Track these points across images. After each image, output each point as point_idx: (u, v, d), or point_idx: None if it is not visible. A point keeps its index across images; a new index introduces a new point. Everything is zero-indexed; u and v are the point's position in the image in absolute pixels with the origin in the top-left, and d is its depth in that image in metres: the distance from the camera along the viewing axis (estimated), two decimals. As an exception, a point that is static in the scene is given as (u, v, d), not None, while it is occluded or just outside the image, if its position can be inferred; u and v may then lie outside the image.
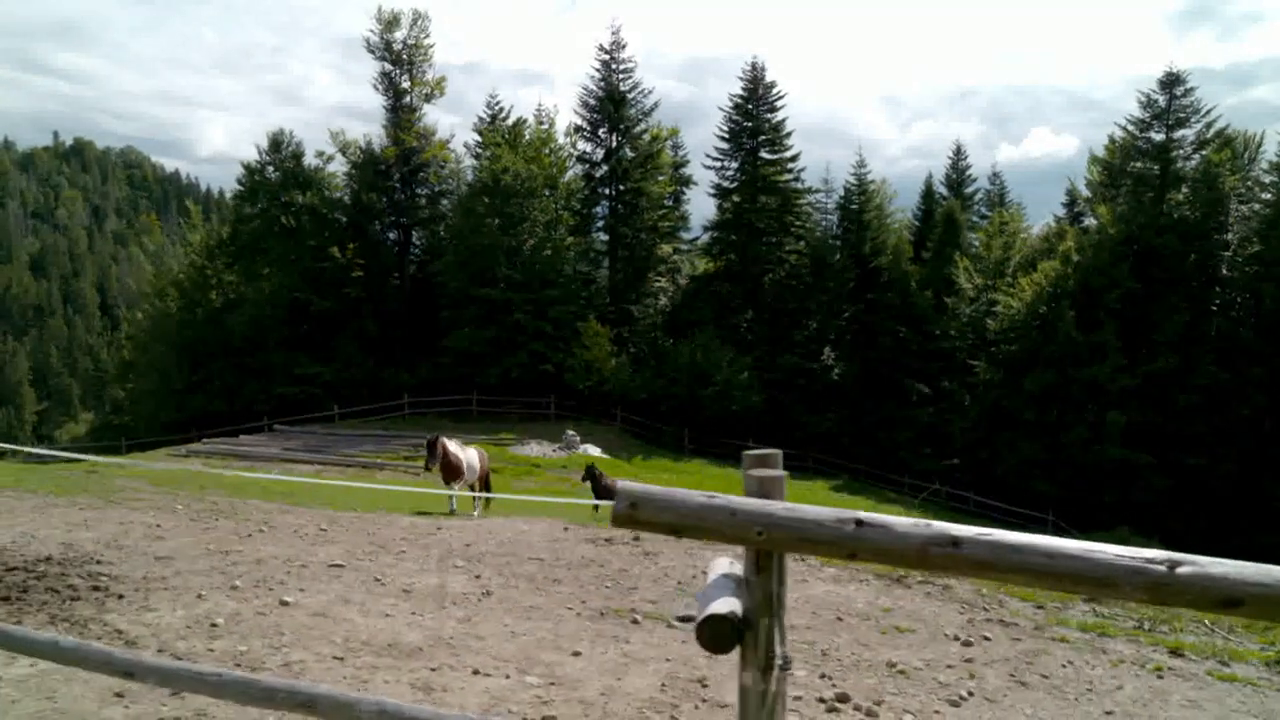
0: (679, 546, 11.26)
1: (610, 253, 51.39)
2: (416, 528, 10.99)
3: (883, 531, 2.12)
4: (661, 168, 50.88)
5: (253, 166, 48.66)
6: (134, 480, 15.25)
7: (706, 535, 2.25)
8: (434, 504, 15.40)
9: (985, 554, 2.06)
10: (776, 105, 51.08)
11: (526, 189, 45.56)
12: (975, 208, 58.01)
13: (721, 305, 49.73)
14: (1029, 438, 39.34)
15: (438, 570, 8.56)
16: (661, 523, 2.21)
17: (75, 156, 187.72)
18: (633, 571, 9.54)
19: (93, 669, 3.30)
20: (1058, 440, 38.60)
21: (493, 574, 8.61)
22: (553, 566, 9.32)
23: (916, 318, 48.17)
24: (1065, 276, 40.03)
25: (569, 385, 45.19)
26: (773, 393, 46.05)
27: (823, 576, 10.60)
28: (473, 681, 5.31)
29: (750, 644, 2.28)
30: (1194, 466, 36.58)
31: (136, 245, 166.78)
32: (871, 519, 2.14)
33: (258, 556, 8.31)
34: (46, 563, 7.11)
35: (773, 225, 50.77)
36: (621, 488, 2.23)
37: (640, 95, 50.46)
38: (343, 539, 9.77)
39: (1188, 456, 36.56)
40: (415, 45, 51.36)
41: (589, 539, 11.08)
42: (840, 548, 2.13)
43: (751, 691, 2.29)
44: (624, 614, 7.58)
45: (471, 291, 44.80)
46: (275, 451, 34.73)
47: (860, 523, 2.13)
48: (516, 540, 10.64)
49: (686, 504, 2.20)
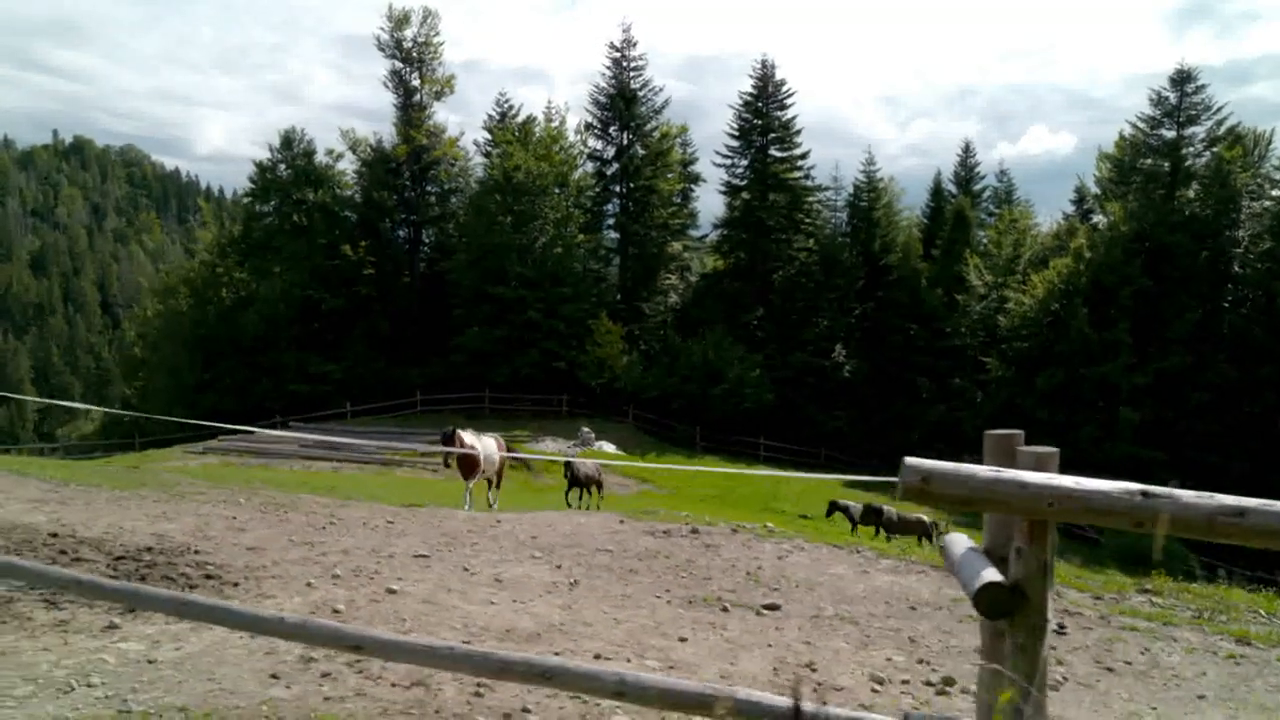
0: (735, 540, 11.39)
1: (621, 250, 51.53)
2: (476, 521, 11.11)
3: (1169, 502, 2.25)
4: (671, 165, 51.00)
5: (265, 164, 48.71)
6: (180, 476, 15.35)
7: (996, 507, 2.38)
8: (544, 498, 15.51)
9: (1272, 522, 2.19)
10: (786, 103, 51.28)
11: (538, 187, 45.67)
12: (983, 205, 58.18)
13: (732, 303, 49.86)
14: (1041, 435, 39.02)
15: (517, 560, 8.68)
16: (953, 496, 2.33)
17: (75, 155, 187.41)
18: (699, 562, 9.67)
19: (320, 643, 3.42)
20: (1070, 438, 38.70)
21: (571, 564, 8.73)
22: (623, 557, 9.45)
23: (927, 315, 48.33)
24: (1077, 274, 40.18)
25: (580, 383, 45.33)
26: (783, 390, 46.19)
27: (881, 568, 10.74)
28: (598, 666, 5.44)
29: (1023, 609, 2.40)
30: (1207, 464, 36.73)
31: (137, 244, 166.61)
32: (1157, 491, 2.27)
33: (342, 548, 8.43)
34: (149, 553, 7.22)
35: (783, 222, 50.93)
36: (911, 463, 2.35)
37: (651, 93, 50.66)
38: (413, 531, 9.89)
39: (1200, 454, 36.71)
40: (425, 43, 51.44)
41: (647, 531, 11.21)
42: (1128, 517, 2.25)
43: (1024, 654, 2.41)
44: (712, 602, 7.71)
45: (484, 289, 44.90)
46: (292, 449, 34.81)
47: (1146, 494, 2.26)
48: (578, 532, 10.76)
49: (975, 478, 2.32)
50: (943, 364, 47.41)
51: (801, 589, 8.86)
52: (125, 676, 4.50)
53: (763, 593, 8.44)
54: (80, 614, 5.60)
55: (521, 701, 4.71)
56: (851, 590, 9.06)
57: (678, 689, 2.87)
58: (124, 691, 4.29)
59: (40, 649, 4.86)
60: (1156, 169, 43.17)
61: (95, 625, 5.40)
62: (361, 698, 4.53)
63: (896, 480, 2.42)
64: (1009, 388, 41.96)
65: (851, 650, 6.66)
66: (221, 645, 5.19)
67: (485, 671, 3.09)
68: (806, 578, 9.46)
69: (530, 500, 19.57)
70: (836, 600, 8.43)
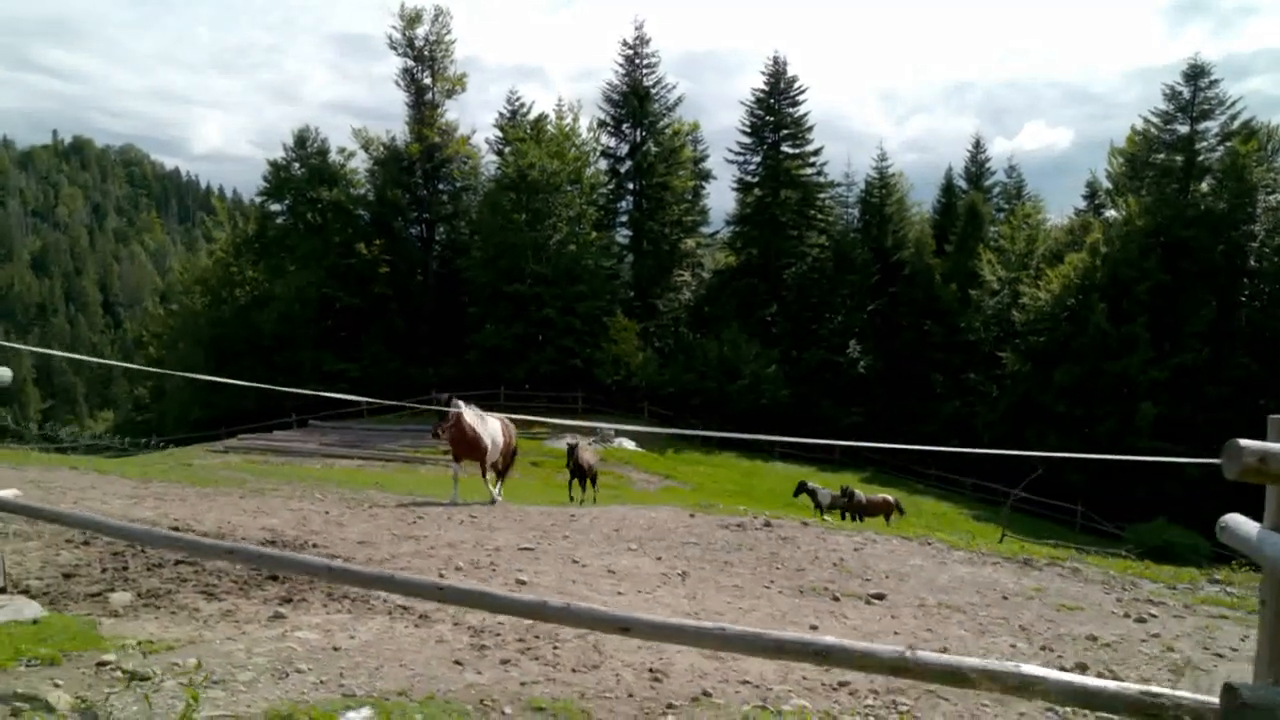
0: (808, 532, 11.51)
1: (634, 247, 51.65)
2: (553, 515, 11.22)
3: None
4: (684, 163, 51.10)
5: (279, 163, 48.73)
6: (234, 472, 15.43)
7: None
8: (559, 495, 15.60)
9: None
10: (799, 99, 51.43)
11: (552, 184, 45.75)
12: (992, 200, 58.30)
13: (745, 299, 49.98)
14: (1059, 430, 39.59)
15: (616, 553, 8.79)
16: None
17: (75, 154, 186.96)
18: (784, 555, 9.78)
19: (589, 626, 3.53)
20: (1088, 432, 38.90)
21: (669, 556, 8.85)
22: (711, 550, 9.56)
23: (940, 311, 48.46)
24: (1094, 269, 40.34)
25: (596, 380, 45.46)
26: (798, 386, 46.37)
27: (956, 559, 10.87)
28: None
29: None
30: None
31: (138, 243, 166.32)
32: None
33: (446, 541, 8.53)
34: (273, 545, 7.32)
35: (795, 219, 51.10)
36: (1246, 445, 2.46)
37: (663, 90, 50.71)
38: (499, 525, 9.99)
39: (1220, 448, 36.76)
40: (437, 41, 51.46)
41: (720, 525, 11.31)
42: None
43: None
44: (820, 592, 7.83)
45: (499, 287, 45.00)
46: (313, 447, 34.90)
47: None
48: (655, 525, 10.87)
49: (1311, 456, 2.44)
50: (957, 359, 47.56)
51: (892, 579, 8.97)
52: (324, 663, 4.60)
53: (858, 583, 8.56)
54: (241, 604, 5.70)
55: (699, 686, 4.81)
56: (939, 580, 9.17)
57: (991, 669, 2.94)
58: (333, 676, 4.39)
59: (225, 638, 4.95)
60: (1170, 164, 43.31)
61: (261, 615, 5.50)
62: (552, 683, 4.64)
63: (1219, 461, 2.54)
64: (1025, 382, 42.10)
65: (973, 638, 6.77)
66: (390, 634, 5.29)
67: (761, 651, 3.19)
68: (891, 569, 9.57)
69: (538, 493, 19.53)
70: (932, 590, 8.54)
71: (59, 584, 5.95)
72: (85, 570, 6.31)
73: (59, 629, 4.59)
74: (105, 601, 5.56)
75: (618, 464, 35.27)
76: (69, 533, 7.46)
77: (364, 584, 3.79)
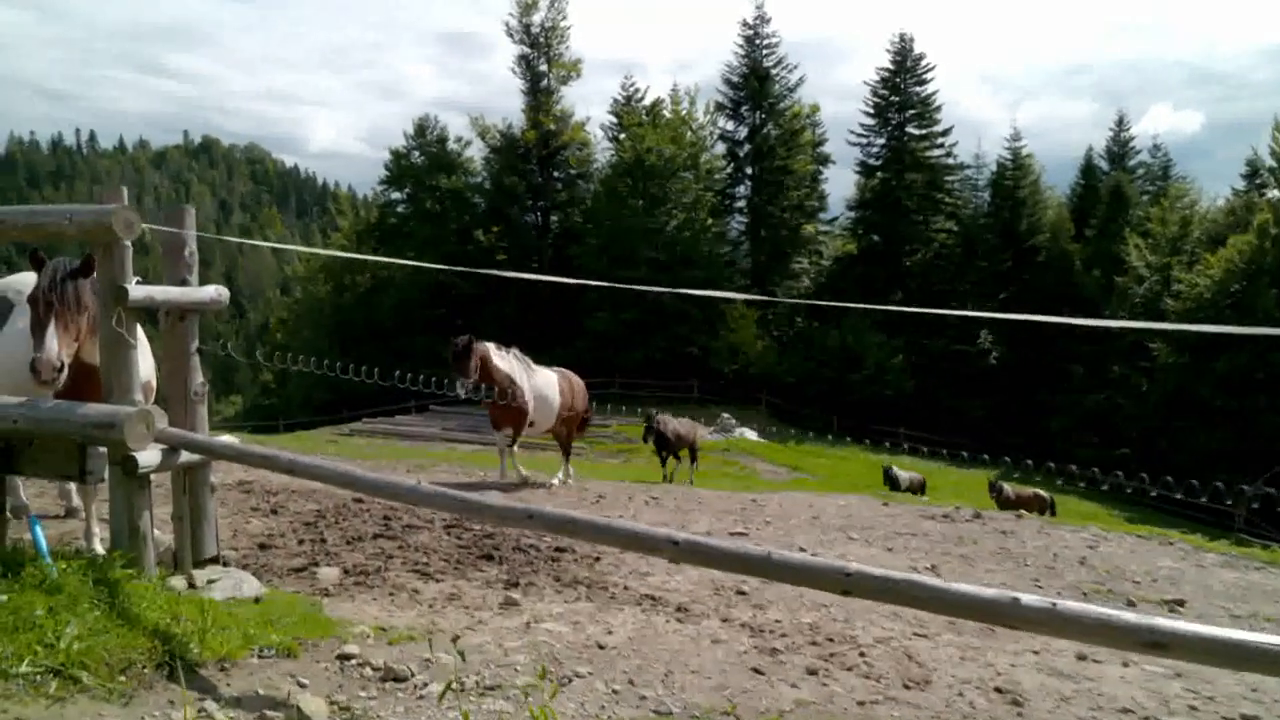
0: (1025, 526, 10.17)
1: (751, 233, 50.26)
2: (733, 499, 10.21)
3: None
4: (804, 146, 49.38)
5: (399, 151, 49.33)
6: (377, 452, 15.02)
7: None
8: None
9: None
10: (925, 78, 49.03)
11: (669, 169, 44.84)
12: (1135, 183, 54.41)
13: (866, 287, 47.95)
14: (1215, 425, 36.43)
15: (836, 542, 7.71)
16: None
17: (203, 153, 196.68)
18: (1016, 550, 8.50)
19: (1116, 643, 2.48)
20: (1250, 426, 35.61)
21: (899, 547, 7.72)
22: (935, 540, 8.39)
23: (1080, 299, 45.49)
24: (1262, 252, 36.88)
25: (710, 368, 44.43)
26: (922, 377, 44.38)
27: (1210, 561, 9.38)
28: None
29: None
30: None
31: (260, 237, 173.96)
32: None
33: (646, 521, 7.61)
34: (472, 523, 6.52)
35: (921, 203, 48.79)
36: None
37: (784, 71, 49.09)
38: (690, 508, 9.03)
39: None
40: (552, 28, 51.06)
41: (923, 515, 10.09)
42: None
43: None
44: (1102, 593, 6.58)
45: (614, 273, 44.36)
46: (435, 431, 34.91)
47: None
48: (853, 514, 9.74)
49: None
50: (1096, 350, 44.54)
51: (1162, 583, 7.64)
52: (599, 665, 3.68)
53: (1130, 586, 7.26)
54: (463, 587, 4.86)
55: (1071, 714, 3.69)
56: (1216, 586, 7.78)
57: None
58: (622, 684, 3.47)
59: (463, 628, 4.10)
60: (1345, 138, 39.32)
61: (490, 601, 4.64)
62: (893, 703, 3.60)
63: None
64: (1179, 374, 38.91)
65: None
66: (652, 630, 4.35)
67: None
68: (1147, 570, 8.21)
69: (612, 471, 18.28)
70: (1220, 598, 7.17)
71: (256, 555, 5.25)
72: (280, 542, 5.60)
73: (284, 610, 3.79)
74: (313, 577, 4.80)
75: (741, 454, 34.28)
76: (254, 499, 6.84)
77: (736, 566, 2.77)
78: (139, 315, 4.02)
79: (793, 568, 2.57)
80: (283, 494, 7.21)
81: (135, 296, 3.81)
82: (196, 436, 4.01)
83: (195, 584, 3.94)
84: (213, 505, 4.44)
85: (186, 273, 4.35)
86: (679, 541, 2.73)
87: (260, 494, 7.20)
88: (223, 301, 4.53)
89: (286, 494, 7.22)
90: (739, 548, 2.74)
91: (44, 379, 3.91)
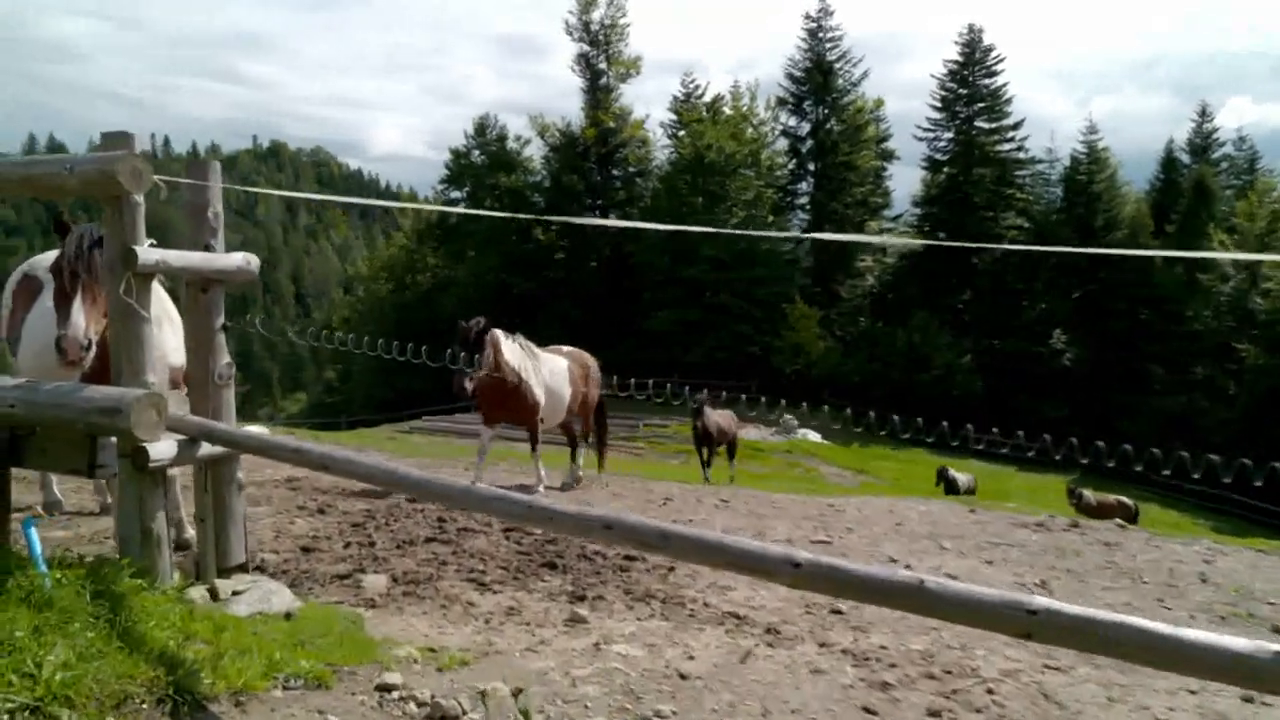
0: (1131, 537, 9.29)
1: (814, 231, 49.15)
2: (809, 503, 9.54)
3: None
4: (868, 141, 48.16)
5: (459, 150, 49.52)
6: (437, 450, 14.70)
7: None
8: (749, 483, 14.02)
9: None
10: (995, 70, 47.41)
11: (729, 166, 44.09)
12: (1219, 177, 51.86)
13: (933, 286, 46.58)
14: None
15: (926, 552, 7.03)
16: None
17: (271, 157, 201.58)
18: (1126, 564, 7.68)
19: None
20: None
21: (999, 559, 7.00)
22: (1034, 553, 7.63)
23: (1160, 298, 43.47)
24: (1362, 247, 34.70)
25: (772, 368, 43.53)
26: (992, 378, 42.83)
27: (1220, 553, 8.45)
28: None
29: None
30: None
31: (325, 239, 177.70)
32: None
33: (721, 526, 7.03)
34: (530, 525, 6.03)
35: (990, 198, 47.17)
36: None
37: (848, 65, 47.93)
38: (765, 513, 8.43)
39: None
40: (612, 25, 50.70)
41: (1015, 524, 9.29)
42: None
43: None
44: (1242, 616, 5.81)
45: (674, 271, 43.79)
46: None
47: None
48: (938, 521, 9.01)
49: None
50: (1179, 350, 42.46)
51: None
52: (683, 700, 3.12)
53: (1268, 609, 6.42)
54: (524, 600, 4.35)
55: None
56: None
57: None
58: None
59: (524, 649, 3.58)
60: None
61: (554, 616, 4.11)
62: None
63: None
64: (1270, 376, 36.81)
65: None
66: (736, 653, 3.77)
67: None
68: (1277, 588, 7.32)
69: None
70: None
71: (298, 560, 4.80)
72: (325, 545, 5.16)
73: (319, 627, 3.31)
74: (358, 586, 4.33)
75: (804, 455, 33.49)
76: (301, 497, 6.43)
77: (876, 597, 2.15)
78: (163, 286, 3.57)
79: (959, 603, 1.97)
80: (331, 492, 6.81)
81: (145, 260, 3.35)
82: (218, 426, 3.54)
83: (218, 595, 3.48)
84: (240, 505, 3.96)
85: (210, 237, 3.89)
86: (800, 563, 2.15)
87: (308, 492, 6.81)
88: (251, 271, 4.06)
89: (335, 493, 6.82)
90: (881, 574, 2.14)
91: (70, 358, 3.52)
